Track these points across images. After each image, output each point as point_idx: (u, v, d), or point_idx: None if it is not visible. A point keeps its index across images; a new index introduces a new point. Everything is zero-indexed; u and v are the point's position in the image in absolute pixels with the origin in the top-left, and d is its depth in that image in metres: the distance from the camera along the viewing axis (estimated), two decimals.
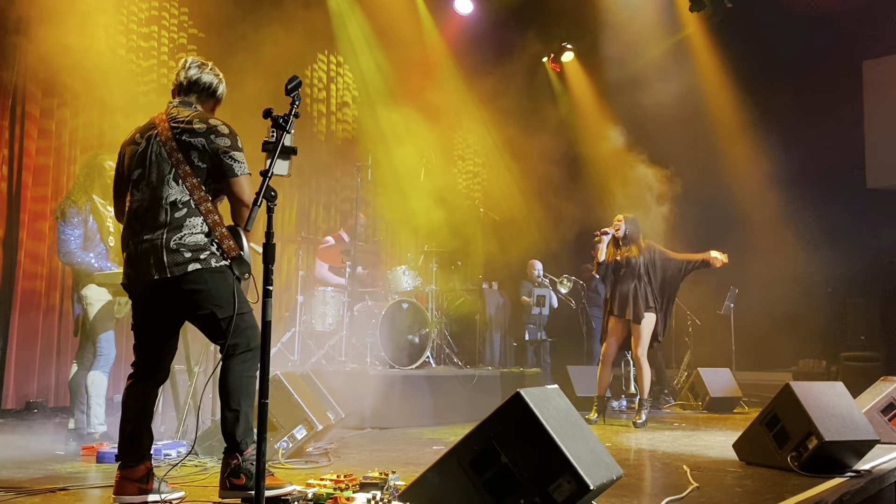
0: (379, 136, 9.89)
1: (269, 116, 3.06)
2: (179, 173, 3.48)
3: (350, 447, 5.59)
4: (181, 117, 3.57)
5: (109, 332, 5.47)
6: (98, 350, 5.40)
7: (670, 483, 4.24)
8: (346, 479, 3.52)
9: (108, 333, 5.46)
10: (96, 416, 5.30)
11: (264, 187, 2.95)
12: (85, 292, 5.46)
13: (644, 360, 7.22)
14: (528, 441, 2.97)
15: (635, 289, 7.21)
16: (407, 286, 8.13)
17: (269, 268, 2.90)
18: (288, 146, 3.08)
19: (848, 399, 4.81)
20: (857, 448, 4.56)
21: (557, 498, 2.90)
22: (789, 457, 4.50)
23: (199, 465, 4.49)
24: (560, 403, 3.29)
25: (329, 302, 7.83)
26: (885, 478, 4.44)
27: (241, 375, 3.46)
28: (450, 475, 3.06)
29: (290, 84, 3.16)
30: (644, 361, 7.22)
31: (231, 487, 3.35)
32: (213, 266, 3.45)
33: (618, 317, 7.28)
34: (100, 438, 5.21)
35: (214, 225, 3.48)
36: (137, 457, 3.54)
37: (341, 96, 10.78)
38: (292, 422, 4.83)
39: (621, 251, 7.38)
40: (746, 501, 3.71)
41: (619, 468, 3.33)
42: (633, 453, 5.53)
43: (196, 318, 3.56)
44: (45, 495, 3.68)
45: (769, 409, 4.77)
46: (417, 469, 4.18)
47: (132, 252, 3.54)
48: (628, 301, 7.21)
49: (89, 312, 5.45)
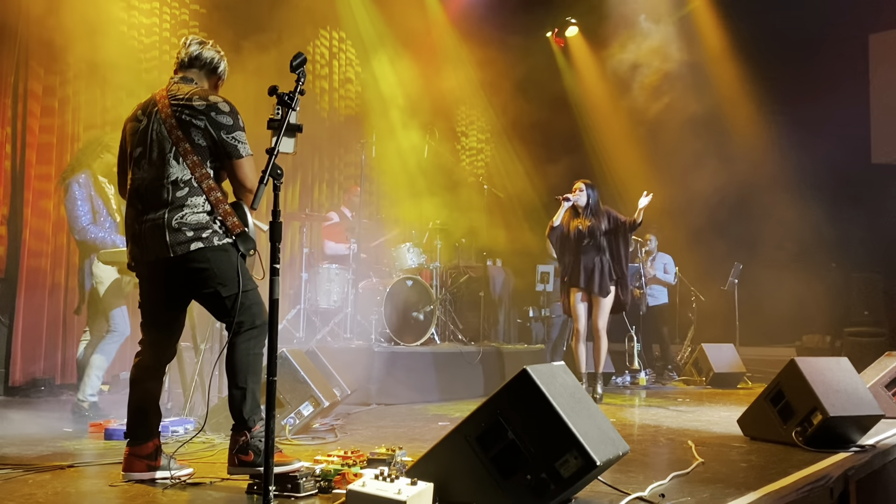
0: (382, 113, 9.84)
1: (274, 94, 3.04)
2: (180, 151, 3.46)
3: (356, 423, 5.62)
4: (181, 94, 3.54)
5: (122, 308, 5.52)
6: (112, 325, 5.45)
7: (675, 458, 4.26)
8: (353, 456, 3.54)
9: (122, 309, 5.51)
10: (91, 386, 5.35)
11: (270, 165, 2.94)
12: (97, 270, 5.49)
13: (604, 333, 7.07)
14: (534, 417, 2.99)
15: (601, 262, 6.97)
16: (411, 263, 8.13)
17: (276, 246, 2.89)
18: (293, 123, 3.06)
19: (853, 374, 4.82)
20: (861, 423, 4.58)
21: (564, 473, 2.92)
22: (794, 432, 4.52)
23: (206, 442, 4.52)
24: (566, 380, 3.30)
25: (334, 279, 7.84)
26: (889, 452, 4.46)
27: (248, 353, 3.46)
28: (457, 451, 3.08)
29: (295, 61, 3.12)
30: (604, 334, 7.07)
31: (240, 464, 3.37)
32: (216, 244, 3.45)
33: (584, 290, 7.00)
34: (89, 409, 5.25)
35: (217, 202, 3.47)
36: (146, 434, 3.57)
37: (344, 72, 10.72)
38: (299, 398, 4.85)
39: (582, 220, 7.07)
40: (752, 476, 3.73)
41: (626, 444, 3.34)
42: (638, 429, 5.56)
43: (201, 297, 3.56)
44: (54, 472, 3.71)
45: (774, 385, 4.78)
46: (423, 445, 4.21)
47: (136, 231, 3.54)
48: (594, 275, 6.96)
49: (99, 290, 5.48)
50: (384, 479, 2.97)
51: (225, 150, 3.48)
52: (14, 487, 3.36)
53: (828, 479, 3.59)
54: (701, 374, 9.44)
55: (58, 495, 3.31)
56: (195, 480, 3.51)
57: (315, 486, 3.28)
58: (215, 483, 3.48)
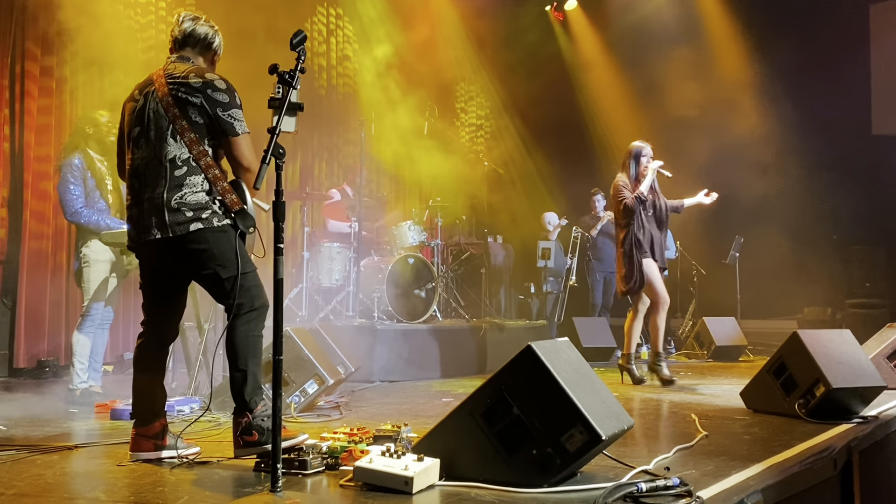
0: (381, 90, 9.80)
1: (275, 72, 3.02)
2: (177, 129, 3.44)
3: (360, 401, 5.64)
4: (178, 73, 3.52)
5: (101, 295, 5.46)
6: (86, 309, 5.43)
7: (679, 432, 4.28)
8: (359, 433, 3.55)
9: (100, 295, 5.46)
10: (77, 374, 5.36)
11: (272, 145, 2.92)
12: (84, 251, 5.47)
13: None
14: (539, 393, 3.00)
15: (662, 237, 6.63)
16: (412, 241, 8.14)
17: (279, 225, 2.89)
18: (294, 102, 3.04)
19: (855, 346, 4.84)
20: (864, 394, 4.60)
21: (570, 448, 2.94)
22: (797, 404, 4.54)
23: (212, 421, 4.54)
24: (570, 355, 3.31)
25: (335, 258, 7.85)
26: (891, 423, 4.47)
27: (247, 335, 3.46)
28: (463, 427, 3.09)
29: (295, 38, 3.10)
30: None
31: (245, 445, 3.38)
32: (215, 225, 3.43)
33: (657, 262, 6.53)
34: (81, 396, 5.27)
35: (216, 179, 3.46)
36: (152, 414, 3.58)
37: (342, 49, 10.66)
38: (303, 377, 4.87)
39: (653, 193, 6.60)
40: (755, 448, 3.75)
41: (630, 418, 3.36)
42: (641, 403, 5.59)
43: (200, 278, 3.56)
44: (61, 453, 3.73)
45: (777, 358, 4.80)
46: (428, 421, 4.23)
47: (135, 211, 3.53)
48: (662, 249, 6.61)
49: (85, 273, 5.46)
50: (391, 455, 2.99)
51: (221, 127, 3.46)
52: (23, 468, 3.38)
53: (831, 450, 3.60)
54: (703, 347, 9.47)
55: (66, 475, 3.34)
56: (202, 459, 3.53)
57: (322, 463, 3.30)
58: (222, 461, 3.49)
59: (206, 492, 3.00)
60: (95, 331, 5.47)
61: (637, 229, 6.47)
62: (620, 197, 6.52)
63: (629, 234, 6.49)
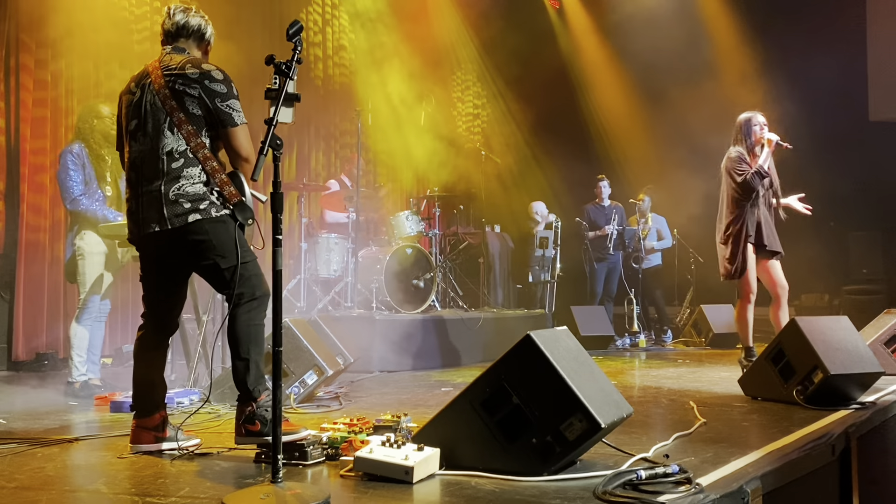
0: (378, 80, 9.77)
1: (271, 63, 3.00)
2: (174, 121, 3.44)
3: (360, 391, 5.65)
4: (174, 64, 3.51)
5: (97, 287, 5.45)
6: (83, 302, 5.43)
7: (678, 419, 4.30)
8: (359, 423, 3.56)
9: (96, 288, 5.45)
10: (76, 367, 5.35)
11: (269, 136, 2.91)
12: (78, 243, 5.45)
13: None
14: (539, 382, 3.01)
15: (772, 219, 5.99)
16: (410, 231, 8.13)
17: (277, 217, 2.88)
18: (291, 93, 3.03)
19: (853, 332, 4.85)
20: (861, 380, 4.62)
21: (569, 436, 2.95)
22: (795, 391, 4.55)
23: (212, 412, 4.55)
24: (569, 344, 3.32)
25: (333, 248, 7.84)
26: (889, 409, 4.50)
27: (249, 324, 3.47)
28: (462, 416, 3.11)
29: (291, 29, 3.09)
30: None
31: (247, 434, 3.39)
32: (213, 216, 3.44)
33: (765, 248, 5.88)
34: (79, 389, 5.27)
35: (213, 171, 3.46)
36: (152, 406, 3.59)
37: (337, 39, 10.61)
38: (303, 368, 4.88)
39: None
40: (754, 435, 3.77)
41: (629, 406, 3.37)
42: (639, 391, 5.61)
43: (200, 269, 3.57)
44: (62, 445, 3.74)
45: (775, 345, 4.82)
46: (427, 411, 4.25)
47: (133, 205, 3.53)
48: (774, 231, 5.94)
49: (80, 265, 5.45)
50: (391, 445, 3.00)
51: (219, 118, 3.46)
52: (23, 461, 3.39)
53: (829, 436, 3.62)
54: (700, 334, 9.49)
55: (67, 468, 3.34)
56: (203, 451, 3.54)
57: (322, 453, 3.31)
58: (223, 453, 3.51)
59: (207, 483, 3.00)
60: (93, 323, 5.47)
61: (750, 210, 5.79)
62: (740, 170, 5.74)
63: (741, 215, 5.78)
